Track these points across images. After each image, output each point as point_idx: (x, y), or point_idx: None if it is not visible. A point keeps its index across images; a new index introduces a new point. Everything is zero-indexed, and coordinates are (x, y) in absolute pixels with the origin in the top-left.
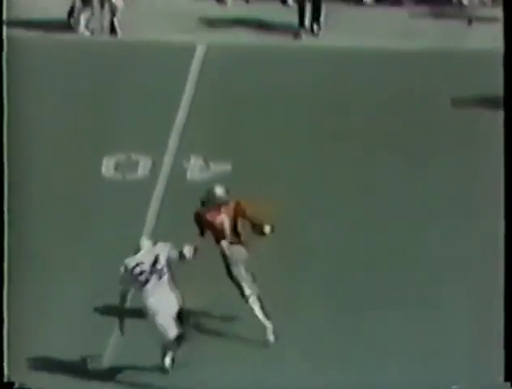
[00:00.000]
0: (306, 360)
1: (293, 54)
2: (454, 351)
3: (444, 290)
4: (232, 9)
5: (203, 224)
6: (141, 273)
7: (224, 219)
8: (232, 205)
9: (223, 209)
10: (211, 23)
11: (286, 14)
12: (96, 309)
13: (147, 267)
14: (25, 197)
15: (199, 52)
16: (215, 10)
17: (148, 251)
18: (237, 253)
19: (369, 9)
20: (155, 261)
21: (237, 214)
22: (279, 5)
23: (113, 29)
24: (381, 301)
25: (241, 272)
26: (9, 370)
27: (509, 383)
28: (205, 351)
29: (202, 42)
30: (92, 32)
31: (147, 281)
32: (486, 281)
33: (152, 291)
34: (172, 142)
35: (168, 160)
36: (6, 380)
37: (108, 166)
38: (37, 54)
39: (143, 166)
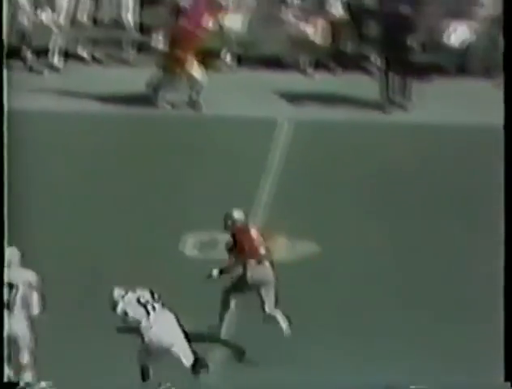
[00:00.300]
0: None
1: (381, 129)
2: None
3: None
4: (318, 82)
5: (241, 239)
6: (147, 302)
7: (258, 236)
8: (254, 225)
9: (251, 226)
10: (295, 97)
11: (373, 88)
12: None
13: (148, 297)
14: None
15: (282, 127)
16: (300, 84)
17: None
18: (261, 274)
19: (456, 81)
20: (154, 294)
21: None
22: (367, 77)
23: (193, 103)
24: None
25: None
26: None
27: (509, 383)
28: None
29: (286, 117)
30: (173, 107)
31: (154, 308)
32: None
33: (156, 320)
34: (255, 219)
35: None
36: (6, 380)
37: (188, 244)
38: (112, 128)
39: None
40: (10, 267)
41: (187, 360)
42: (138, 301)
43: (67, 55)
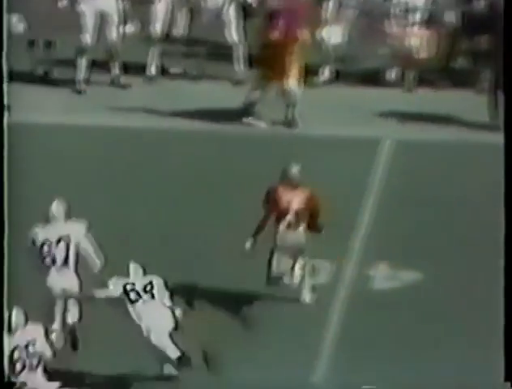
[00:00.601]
0: None
1: (489, 149)
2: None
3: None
4: (422, 99)
5: (272, 200)
6: (132, 291)
7: (294, 197)
8: (308, 190)
9: (298, 188)
10: (397, 115)
11: (482, 106)
12: None
13: (139, 287)
14: None
15: (384, 147)
16: (402, 101)
17: (138, 276)
18: (291, 240)
19: None
20: (150, 286)
21: (309, 201)
22: (475, 94)
23: (288, 121)
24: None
25: (280, 263)
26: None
27: (509, 383)
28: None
29: (388, 136)
30: (267, 124)
31: (137, 300)
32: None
33: (144, 309)
34: (356, 246)
35: (351, 267)
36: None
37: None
38: (203, 145)
39: (324, 272)
40: (57, 221)
41: (173, 353)
42: (124, 287)
43: (160, 70)
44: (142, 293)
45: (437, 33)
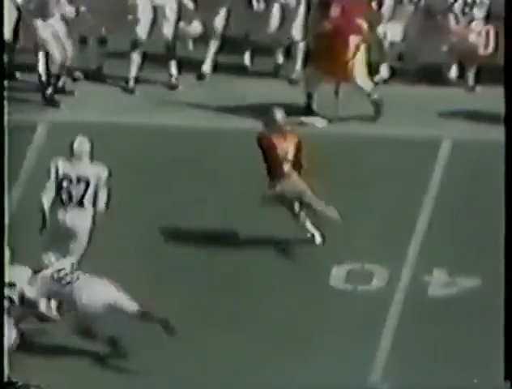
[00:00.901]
0: None
1: None
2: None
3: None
4: (484, 97)
5: (266, 148)
6: (66, 275)
7: (289, 146)
8: (295, 135)
9: (288, 136)
10: (458, 114)
11: None
12: None
13: (68, 269)
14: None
15: (445, 148)
16: (463, 99)
17: (59, 262)
18: (293, 186)
19: None
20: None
21: (297, 147)
22: None
23: (375, 112)
24: None
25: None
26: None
27: (509, 383)
28: None
29: (448, 136)
30: (325, 123)
31: (76, 279)
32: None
33: (82, 287)
34: (413, 251)
35: (406, 272)
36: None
37: (337, 276)
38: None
39: (378, 278)
40: (81, 160)
41: (132, 307)
42: (52, 277)
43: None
44: (76, 275)
45: (500, 29)
